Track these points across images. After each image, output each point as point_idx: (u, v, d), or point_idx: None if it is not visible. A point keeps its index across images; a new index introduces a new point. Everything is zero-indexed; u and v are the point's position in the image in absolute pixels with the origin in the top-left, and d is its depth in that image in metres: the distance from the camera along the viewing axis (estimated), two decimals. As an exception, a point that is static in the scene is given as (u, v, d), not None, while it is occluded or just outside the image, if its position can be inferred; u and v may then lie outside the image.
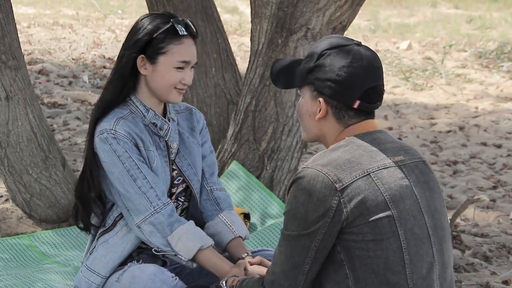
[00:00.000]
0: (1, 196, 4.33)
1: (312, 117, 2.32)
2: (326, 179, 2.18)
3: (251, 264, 2.77)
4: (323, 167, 2.20)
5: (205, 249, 2.74)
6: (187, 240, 2.72)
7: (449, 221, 2.38)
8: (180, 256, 2.73)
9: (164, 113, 2.89)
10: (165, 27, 2.75)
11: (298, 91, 2.38)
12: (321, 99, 2.29)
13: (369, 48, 2.33)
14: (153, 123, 2.82)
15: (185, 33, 2.76)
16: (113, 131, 2.73)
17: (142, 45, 2.75)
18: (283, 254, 2.24)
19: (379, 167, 2.22)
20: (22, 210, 4.13)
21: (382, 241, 2.17)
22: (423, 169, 2.31)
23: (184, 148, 2.91)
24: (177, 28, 2.75)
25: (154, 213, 2.73)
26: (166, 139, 2.85)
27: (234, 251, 2.88)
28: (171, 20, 2.76)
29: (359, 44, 2.32)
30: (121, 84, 2.80)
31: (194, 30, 2.80)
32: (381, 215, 2.17)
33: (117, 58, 2.83)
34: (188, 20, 2.81)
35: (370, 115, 2.32)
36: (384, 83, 2.35)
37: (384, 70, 2.38)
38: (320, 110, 2.30)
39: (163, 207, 2.74)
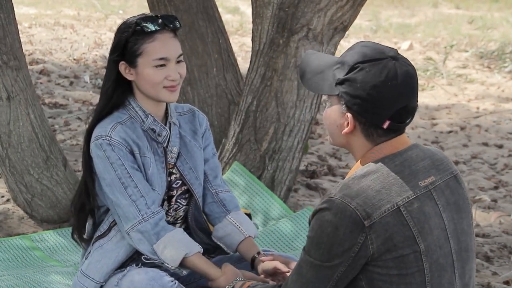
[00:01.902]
0: (3, 196, 4.33)
1: (339, 129, 2.23)
2: (354, 214, 2.09)
3: (263, 261, 2.77)
4: (352, 199, 2.11)
5: (191, 256, 2.73)
6: (172, 248, 2.71)
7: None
8: (166, 264, 2.73)
9: (166, 117, 2.86)
10: (132, 29, 2.70)
11: (327, 96, 2.27)
12: (349, 115, 2.18)
13: (405, 62, 2.19)
14: (152, 129, 2.79)
15: (154, 28, 2.70)
16: (108, 137, 2.70)
17: (119, 51, 2.73)
18: (304, 277, 2.19)
19: (409, 198, 2.14)
20: (24, 210, 4.13)
21: (407, 275, 2.13)
22: (453, 187, 2.24)
23: (185, 152, 2.89)
24: (143, 27, 2.69)
25: (141, 221, 2.71)
26: (164, 145, 2.83)
27: (246, 251, 2.89)
28: (137, 20, 2.71)
29: (394, 57, 2.18)
30: (111, 91, 2.77)
31: (173, 23, 2.73)
32: (407, 251, 2.12)
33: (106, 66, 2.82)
34: (162, 15, 2.74)
35: (401, 129, 2.22)
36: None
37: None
38: (347, 123, 2.20)
39: (152, 215, 2.72)
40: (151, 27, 2.70)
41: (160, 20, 2.72)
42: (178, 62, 2.75)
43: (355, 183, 2.14)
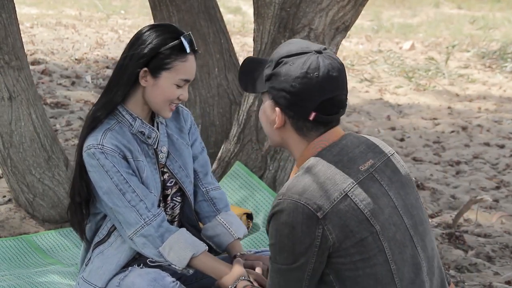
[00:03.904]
0: (4, 196, 4.34)
1: (272, 125, 2.27)
2: (306, 209, 2.12)
3: (240, 259, 2.81)
4: (300, 196, 2.14)
5: (198, 255, 2.74)
6: (179, 250, 2.72)
7: (424, 207, 2.37)
8: (173, 266, 2.73)
9: (152, 118, 2.85)
10: (173, 43, 2.69)
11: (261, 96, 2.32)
12: (277, 109, 2.23)
13: (330, 55, 2.23)
14: (141, 132, 2.79)
15: (190, 50, 2.71)
16: (100, 145, 2.69)
17: (147, 60, 2.69)
18: (277, 285, 2.21)
19: (354, 183, 2.17)
20: (25, 210, 4.13)
21: (369, 258, 2.16)
22: (393, 166, 2.28)
23: (174, 151, 2.89)
24: (185, 46, 2.70)
25: (144, 226, 2.71)
26: (155, 147, 2.83)
27: (231, 252, 2.93)
28: (181, 37, 2.70)
29: (320, 51, 2.22)
30: (122, 94, 2.74)
31: (196, 46, 2.76)
32: (365, 234, 2.15)
33: (118, 69, 2.76)
34: (187, 34, 2.75)
35: (331, 124, 2.25)
36: (348, 90, 2.24)
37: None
38: (277, 118, 2.24)
39: (153, 218, 2.72)
40: (190, 48, 2.71)
41: (192, 41, 2.73)
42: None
43: (300, 180, 2.18)
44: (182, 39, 2.70)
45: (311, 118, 2.20)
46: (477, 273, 3.99)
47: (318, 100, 2.19)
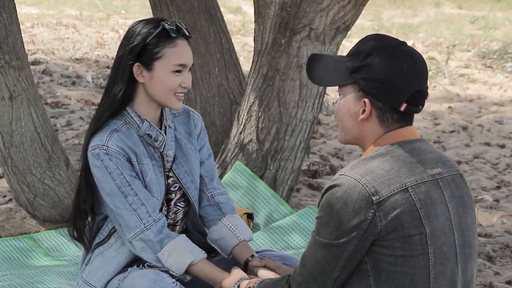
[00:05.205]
0: (5, 196, 4.34)
1: (354, 118, 2.26)
2: (363, 190, 2.13)
3: (254, 266, 2.77)
4: (362, 176, 2.15)
5: (197, 262, 2.73)
6: (177, 256, 2.71)
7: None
8: (171, 272, 2.73)
9: (161, 121, 2.84)
10: (157, 31, 2.68)
11: (338, 90, 2.31)
12: (366, 100, 2.22)
13: (415, 49, 2.27)
14: (148, 134, 2.77)
15: (178, 34, 2.70)
16: (105, 147, 2.68)
17: (136, 53, 2.69)
18: (313, 258, 2.21)
19: (417, 181, 2.17)
20: (26, 210, 4.13)
21: (411, 257, 2.14)
22: (459, 183, 2.28)
23: (181, 155, 2.87)
24: (169, 30, 2.68)
25: (144, 230, 2.70)
26: (161, 151, 2.81)
27: (240, 254, 2.88)
28: (161, 23, 2.70)
29: (404, 44, 2.26)
30: (122, 94, 2.72)
31: (186, 31, 2.74)
32: (414, 232, 2.14)
33: (113, 67, 2.76)
34: (178, 22, 2.75)
35: (411, 120, 2.27)
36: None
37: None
38: (363, 110, 2.23)
39: (154, 223, 2.71)
40: (175, 32, 2.69)
41: (179, 26, 2.72)
42: (189, 69, 2.76)
43: (365, 163, 2.19)
44: (164, 24, 2.69)
45: (402, 108, 2.21)
46: (477, 273, 3.99)
47: (411, 90, 2.21)
